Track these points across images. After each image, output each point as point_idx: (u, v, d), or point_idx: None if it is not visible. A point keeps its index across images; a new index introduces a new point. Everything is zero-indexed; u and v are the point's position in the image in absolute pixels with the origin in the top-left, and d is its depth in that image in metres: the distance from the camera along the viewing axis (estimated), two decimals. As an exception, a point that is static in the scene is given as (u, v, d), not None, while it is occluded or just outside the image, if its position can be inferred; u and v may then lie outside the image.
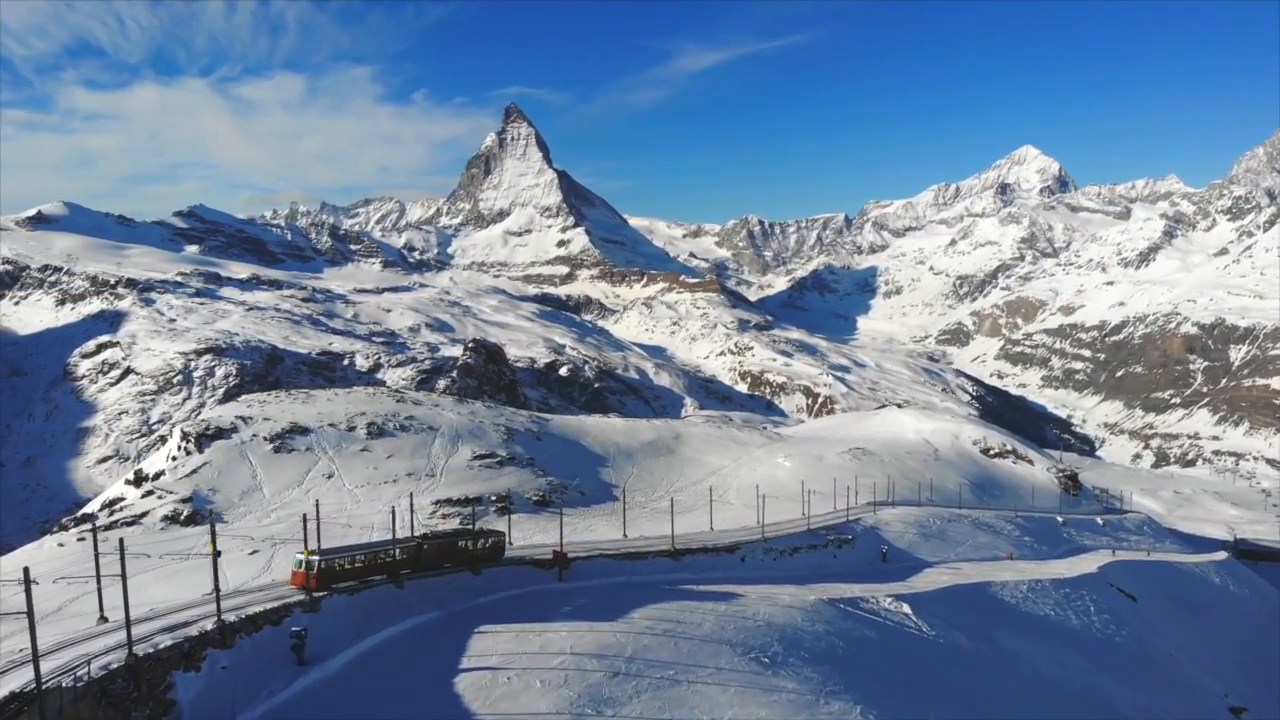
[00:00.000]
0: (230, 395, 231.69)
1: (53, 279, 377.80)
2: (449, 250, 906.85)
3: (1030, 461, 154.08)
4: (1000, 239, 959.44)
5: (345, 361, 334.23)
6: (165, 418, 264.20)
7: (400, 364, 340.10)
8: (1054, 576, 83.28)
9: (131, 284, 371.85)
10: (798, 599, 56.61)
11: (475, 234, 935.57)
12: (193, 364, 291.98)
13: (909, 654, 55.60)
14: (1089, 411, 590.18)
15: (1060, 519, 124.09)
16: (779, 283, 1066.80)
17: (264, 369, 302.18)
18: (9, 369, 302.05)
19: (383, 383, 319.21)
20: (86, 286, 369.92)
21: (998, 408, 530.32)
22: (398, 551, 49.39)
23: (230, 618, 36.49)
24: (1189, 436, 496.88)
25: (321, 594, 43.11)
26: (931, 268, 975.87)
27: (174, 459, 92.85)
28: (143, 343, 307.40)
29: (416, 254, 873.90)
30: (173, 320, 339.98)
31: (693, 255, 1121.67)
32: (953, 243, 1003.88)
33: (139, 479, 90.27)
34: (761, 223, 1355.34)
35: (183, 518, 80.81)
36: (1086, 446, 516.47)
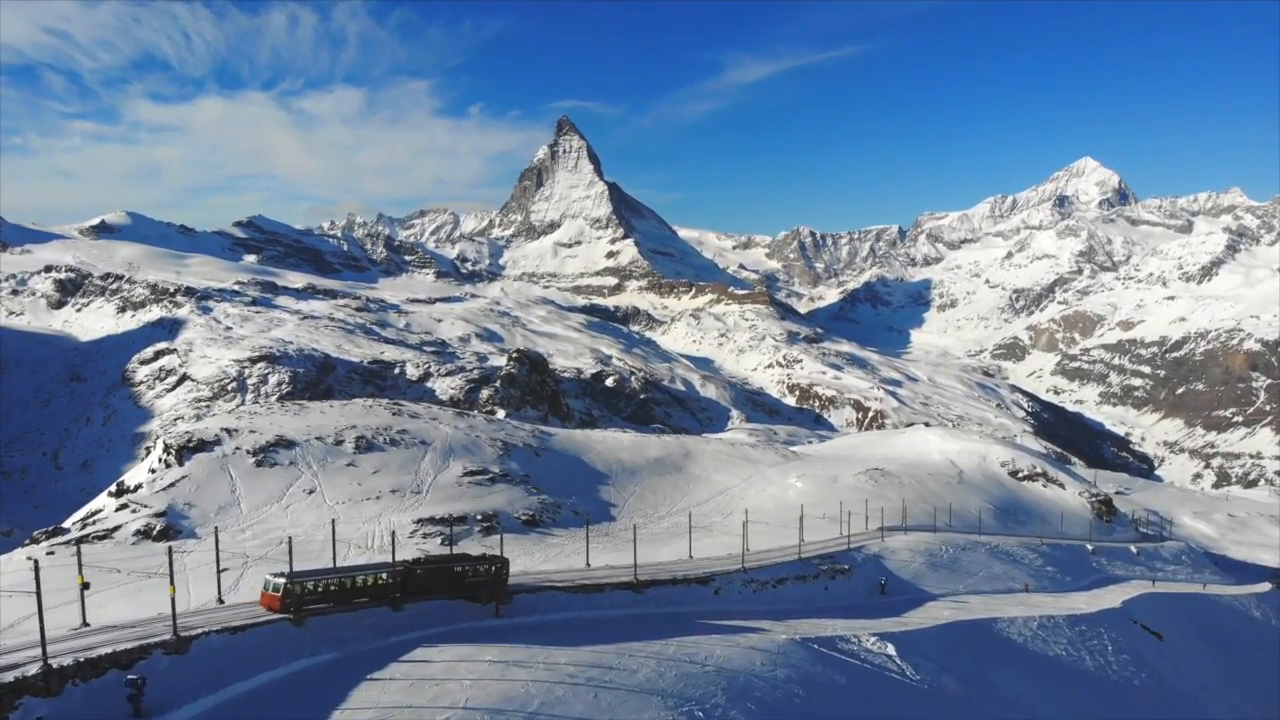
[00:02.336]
0: (283, 403, 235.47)
1: (114, 287, 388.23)
2: (500, 261, 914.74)
3: (1061, 485, 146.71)
4: (1058, 252, 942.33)
5: (396, 370, 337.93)
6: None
7: (449, 373, 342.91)
8: (1069, 612, 77.30)
9: (190, 292, 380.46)
10: (765, 639, 51.65)
11: (526, 245, 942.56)
12: (246, 371, 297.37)
13: (881, 702, 50.20)
14: (1148, 429, 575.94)
15: (1090, 547, 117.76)
16: (830, 295, 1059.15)
17: (316, 377, 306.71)
18: (70, 374, 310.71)
19: (432, 391, 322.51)
20: (146, 294, 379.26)
21: (1054, 424, 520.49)
22: (385, 576, 46.84)
23: (66, 661, 32.53)
24: (1251, 456, 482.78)
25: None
26: (987, 281, 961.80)
27: (153, 471, 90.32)
28: (199, 350, 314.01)
29: (469, 265, 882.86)
30: (229, 328, 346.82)
31: (742, 267, 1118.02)
32: (1009, 255, 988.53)
33: (120, 491, 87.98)
34: (813, 234, 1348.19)
35: (155, 532, 77.78)
36: (1145, 465, 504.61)
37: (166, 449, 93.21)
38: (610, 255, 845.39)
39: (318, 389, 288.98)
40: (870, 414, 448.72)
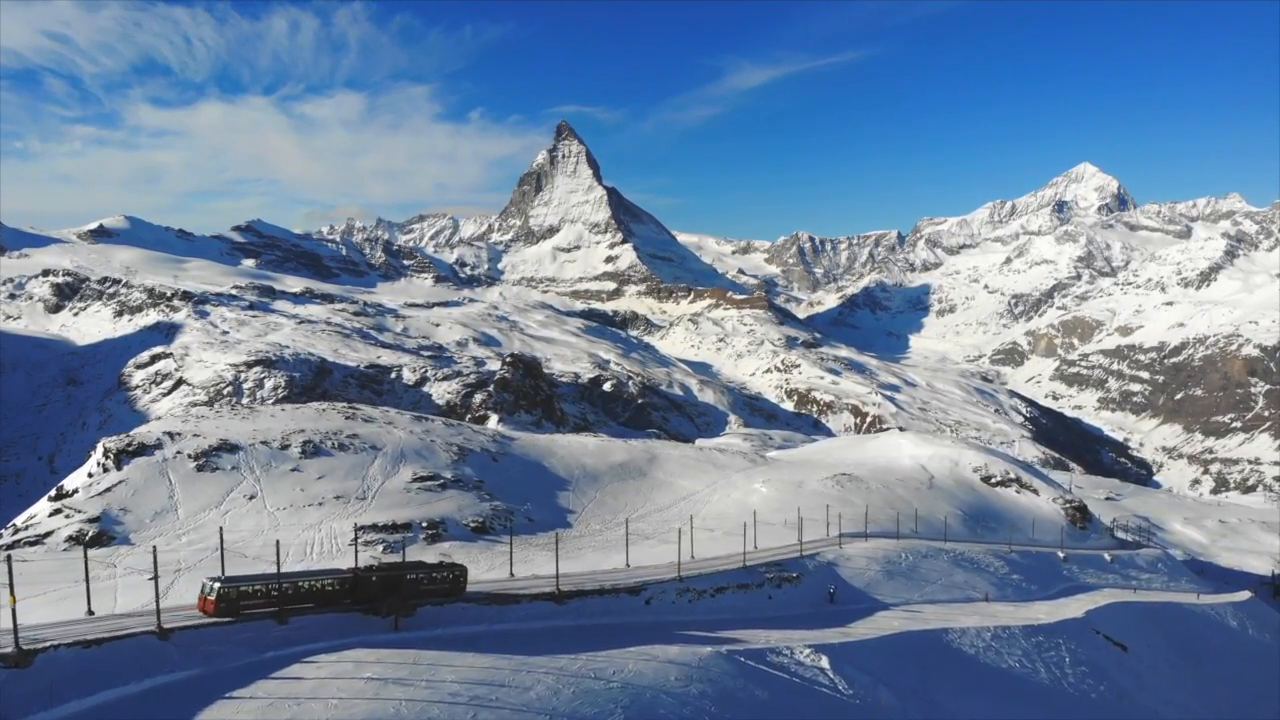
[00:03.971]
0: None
1: (111, 291, 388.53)
2: (499, 266, 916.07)
3: (1035, 491, 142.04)
4: (1056, 258, 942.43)
5: (393, 375, 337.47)
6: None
7: (446, 378, 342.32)
8: (1026, 623, 74.14)
9: (187, 296, 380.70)
10: (686, 651, 48.09)
11: (525, 250, 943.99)
12: (243, 376, 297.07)
13: (805, 718, 47.06)
14: (1147, 435, 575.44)
15: (1061, 554, 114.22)
16: (829, 300, 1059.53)
17: (313, 381, 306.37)
18: (66, 378, 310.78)
19: (429, 396, 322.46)
20: (144, 299, 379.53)
21: (1052, 430, 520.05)
22: (332, 582, 45.87)
23: None
24: (1250, 462, 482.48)
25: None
26: (986, 286, 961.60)
27: (90, 476, 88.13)
28: (195, 354, 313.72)
29: (468, 269, 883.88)
30: (226, 332, 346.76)
31: (741, 272, 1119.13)
32: (1008, 261, 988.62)
33: (59, 495, 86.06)
34: (812, 239, 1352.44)
35: (87, 538, 75.70)
36: (1144, 471, 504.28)
37: (105, 453, 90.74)
38: (609, 260, 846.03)
39: (314, 393, 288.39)
40: (868, 419, 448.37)
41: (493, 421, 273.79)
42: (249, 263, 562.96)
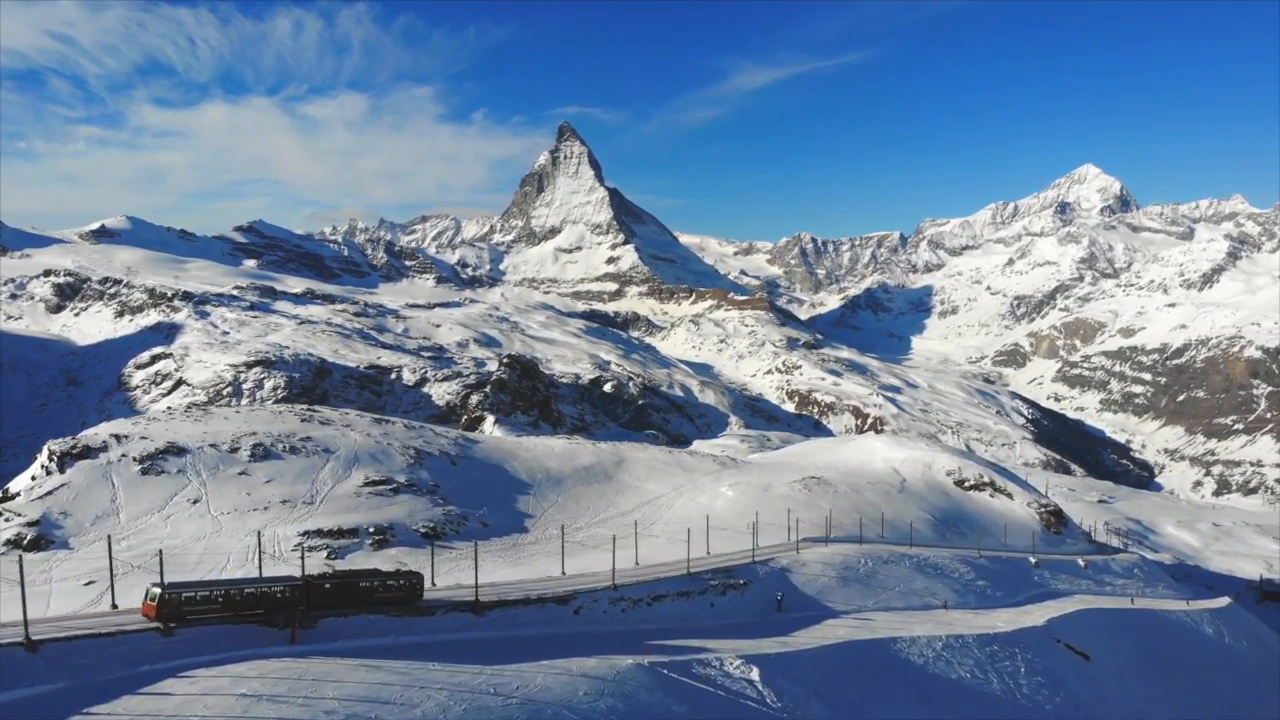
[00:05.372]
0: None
1: (112, 291, 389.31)
2: (501, 267, 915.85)
3: (1009, 495, 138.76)
4: (1059, 259, 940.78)
5: (393, 375, 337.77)
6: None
7: (446, 378, 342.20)
8: (983, 631, 70.82)
9: (187, 297, 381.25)
10: (604, 663, 45.18)
11: (527, 251, 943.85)
12: (242, 376, 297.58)
13: None
14: (1149, 436, 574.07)
15: (1033, 559, 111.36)
16: (831, 301, 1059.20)
17: (312, 382, 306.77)
18: (66, 378, 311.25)
19: (429, 397, 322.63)
20: (144, 299, 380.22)
21: (1054, 431, 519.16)
22: (282, 589, 44.74)
23: None
24: (1251, 464, 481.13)
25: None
26: (988, 287, 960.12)
27: (34, 478, 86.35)
28: (195, 354, 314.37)
29: (469, 270, 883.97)
30: (226, 333, 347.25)
31: (743, 273, 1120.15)
32: (1010, 262, 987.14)
33: (3, 498, 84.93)
34: (814, 240, 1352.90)
35: (26, 542, 74.66)
36: (1145, 473, 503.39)
37: (50, 455, 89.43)
38: (610, 261, 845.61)
39: (313, 394, 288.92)
40: (869, 420, 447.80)
41: (489, 423, 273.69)
42: (250, 263, 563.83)
